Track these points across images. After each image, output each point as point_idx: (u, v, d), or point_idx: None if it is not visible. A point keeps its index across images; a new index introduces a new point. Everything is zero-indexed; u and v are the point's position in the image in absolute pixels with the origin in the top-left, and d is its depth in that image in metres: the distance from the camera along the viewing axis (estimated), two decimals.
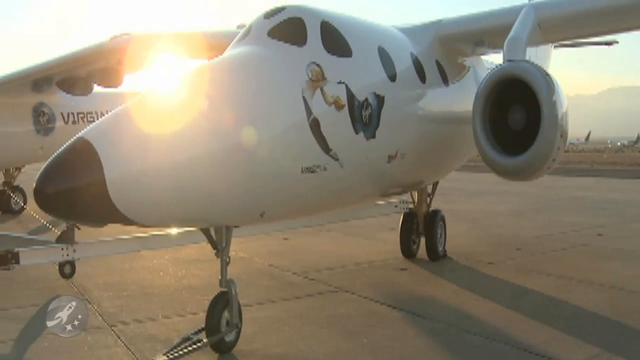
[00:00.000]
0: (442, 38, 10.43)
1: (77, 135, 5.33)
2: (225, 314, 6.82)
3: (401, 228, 12.23)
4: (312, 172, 6.69)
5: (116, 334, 7.67)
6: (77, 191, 5.01)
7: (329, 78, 6.96)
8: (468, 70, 11.66)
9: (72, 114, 21.41)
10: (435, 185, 12.11)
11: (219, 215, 6.18)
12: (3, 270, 9.33)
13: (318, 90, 6.78)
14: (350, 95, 7.20)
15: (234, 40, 7.54)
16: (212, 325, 6.68)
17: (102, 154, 5.07)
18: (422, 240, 12.21)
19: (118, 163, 5.12)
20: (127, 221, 5.37)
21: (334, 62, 7.19)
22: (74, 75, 18.12)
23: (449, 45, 10.68)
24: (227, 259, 6.83)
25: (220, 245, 6.76)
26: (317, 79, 6.82)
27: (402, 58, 8.85)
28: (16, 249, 9.46)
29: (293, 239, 14.12)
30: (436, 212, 12.10)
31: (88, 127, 5.49)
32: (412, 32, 10.10)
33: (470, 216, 18.46)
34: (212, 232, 6.75)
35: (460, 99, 10.67)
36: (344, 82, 7.15)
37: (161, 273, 11.10)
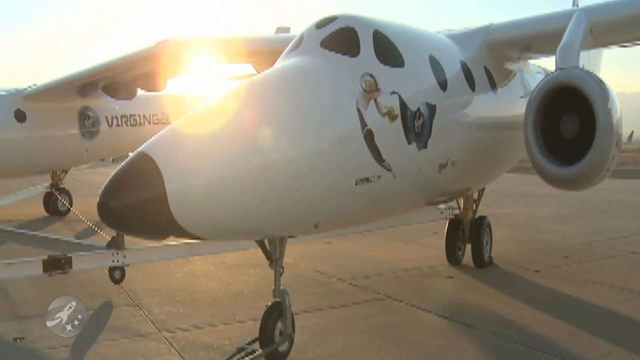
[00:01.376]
0: (489, 44, 10.32)
1: (138, 150, 5.40)
2: (279, 324, 6.84)
3: (447, 234, 12.15)
4: (366, 183, 6.68)
5: (169, 341, 7.76)
6: (139, 206, 5.08)
7: (383, 89, 6.94)
8: (515, 75, 11.52)
9: (116, 117, 21.79)
10: (481, 191, 12.01)
11: (275, 227, 6.21)
12: (56, 274, 9.55)
13: (372, 102, 6.76)
14: (403, 106, 7.17)
15: (286, 50, 7.57)
16: (266, 336, 6.73)
17: (163, 168, 5.13)
18: (468, 246, 12.13)
19: (179, 177, 5.17)
20: (186, 235, 5.43)
21: (387, 73, 7.16)
22: (119, 79, 18.46)
23: (497, 51, 10.56)
24: (281, 270, 6.86)
25: (274, 256, 6.80)
26: (371, 90, 6.80)
27: (452, 66, 8.78)
28: (69, 254, 9.70)
29: (336, 244, 14.12)
30: (482, 219, 11.99)
31: (149, 141, 5.55)
32: (459, 38, 10.02)
33: (512, 220, 18.22)
34: (266, 243, 6.78)
35: (508, 104, 10.57)
36: (397, 93, 7.12)
37: (208, 279, 11.20)
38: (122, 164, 5.36)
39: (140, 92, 19.87)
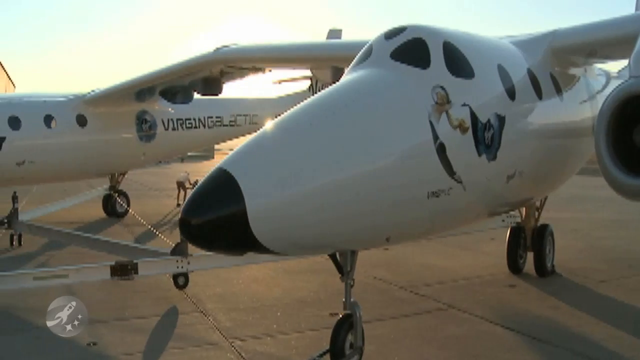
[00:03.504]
0: (555, 50, 10.11)
1: (217, 166, 5.47)
2: (349, 337, 6.84)
3: (508, 242, 11.99)
4: (437, 196, 6.63)
5: (237, 350, 7.85)
6: (219, 223, 5.15)
7: (454, 101, 6.88)
8: (578, 80, 11.27)
9: (172, 120, 22.14)
10: (544, 199, 11.80)
11: (349, 241, 6.23)
12: (123, 280, 9.78)
13: (444, 114, 6.71)
14: (474, 118, 7.10)
15: (355, 61, 7.55)
16: (337, 349, 6.72)
17: (243, 185, 5.18)
18: (529, 254, 11.94)
19: (258, 193, 5.22)
20: (264, 250, 5.48)
21: (458, 85, 7.09)
22: (177, 84, 18.78)
23: (562, 57, 10.34)
24: (351, 282, 6.86)
25: (345, 269, 6.81)
26: (443, 103, 6.75)
27: (520, 75, 8.65)
28: (135, 260, 9.91)
29: (394, 249, 13.98)
30: (545, 227, 11.79)
31: (227, 156, 5.63)
32: (525, 44, 9.85)
33: (571, 226, 17.85)
34: (338, 256, 6.80)
35: (574, 110, 10.36)
36: (467, 105, 7.05)
37: (269, 285, 11.29)
38: (203, 179, 5.44)
39: (195, 95, 20.23)
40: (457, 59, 7.35)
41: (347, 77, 7.15)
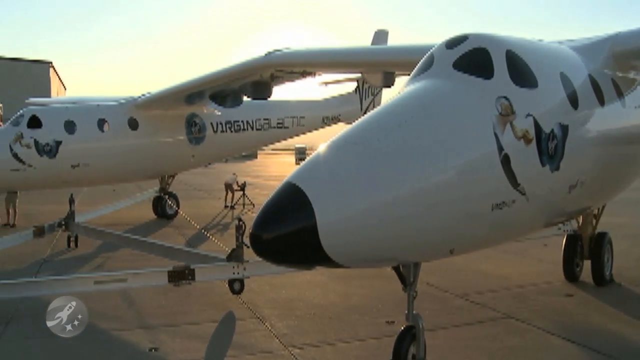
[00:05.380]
0: (617, 54, 9.90)
1: (286, 180, 5.50)
2: (412, 349, 6.82)
3: (564, 250, 11.80)
4: (501, 208, 6.56)
5: (296, 358, 7.89)
6: (290, 238, 5.18)
7: (518, 112, 6.79)
8: (638, 83, 11.03)
9: (221, 123, 22.40)
10: (602, 207, 11.56)
11: (414, 253, 6.20)
12: (182, 285, 9.92)
13: (508, 125, 6.63)
14: (538, 128, 6.99)
15: (416, 71, 7.50)
16: None
17: (313, 199, 5.20)
18: (586, 262, 11.72)
19: (328, 208, 5.23)
20: (332, 264, 5.49)
21: (522, 95, 7.00)
22: (227, 88, 18.97)
23: (624, 61, 10.12)
24: (414, 293, 6.83)
25: (408, 280, 6.79)
26: (507, 114, 6.67)
27: (581, 82, 8.49)
28: (192, 266, 10.04)
29: None
30: (603, 235, 11.56)
31: (297, 169, 5.65)
32: (585, 50, 9.67)
33: (628, 231, 17.43)
34: (401, 267, 6.78)
35: (635, 115, 10.13)
36: (531, 115, 6.95)
37: (324, 290, 11.31)
38: (273, 194, 5.48)
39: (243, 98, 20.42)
40: (520, 69, 7.26)
41: (410, 87, 7.10)
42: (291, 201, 5.30)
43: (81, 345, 8.46)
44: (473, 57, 7.09)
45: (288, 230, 5.20)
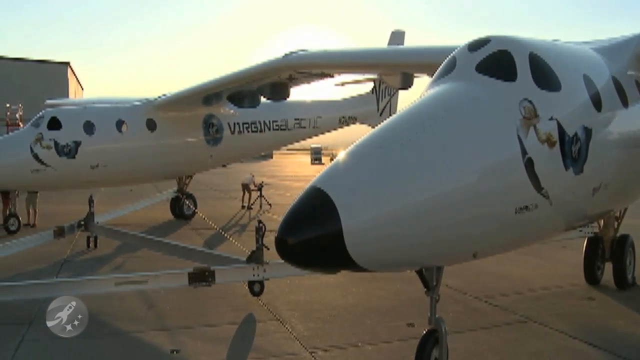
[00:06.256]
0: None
1: (311, 184, 5.50)
2: (434, 352, 6.79)
3: (585, 253, 11.71)
4: (524, 212, 6.52)
5: None
6: (315, 242, 5.19)
7: (541, 115, 6.75)
8: None
9: (238, 124, 22.46)
10: (624, 208, 11.46)
11: (437, 257, 6.19)
12: (201, 287, 9.96)
13: (532, 129, 6.59)
14: (561, 131, 6.95)
15: (438, 73, 7.47)
16: None
17: (338, 203, 5.21)
18: (607, 265, 11.62)
19: (353, 212, 5.23)
20: (357, 268, 5.49)
21: (545, 98, 6.95)
22: (245, 89, 19.02)
23: None
24: (437, 297, 6.81)
25: (430, 284, 6.77)
26: (530, 117, 6.63)
27: (605, 84, 8.43)
28: (212, 268, 10.07)
29: None
30: (625, 237, 11.47)
31: (321, 174, 5.65)
32: (607, 51, 9.60)
33: None
34: (423, 271, 6.76)
35: None
36: (555, 119, 6.91)
37: (343, 292, 11.28)
38: (297, 198, 5.48)
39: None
40: (543, 71, 7.21)
41: (432, 90, 7.07)
42: (316, 206, 5.30)
43: (103, 346, 8.54)
44: (496, 60, 7.05)
45: (313, 235, 5.21)
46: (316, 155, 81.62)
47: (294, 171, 59.59)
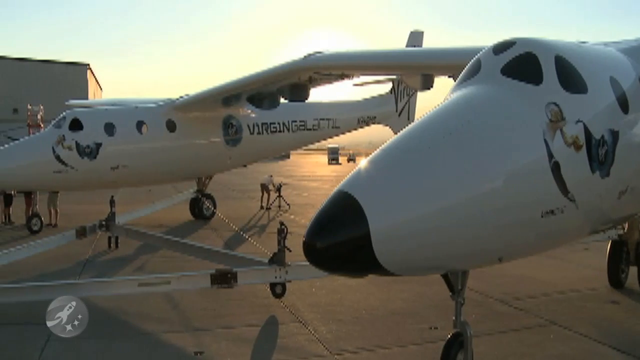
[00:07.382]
0: None
1: (339, 188, 5.50)
2: (459, 356, 6.78)
3: (609, 256, 11.60)
4: (550, 215, 6.48)
5: None
6: (344, 246, 5.20)
7: (568, 118, 6.69)
8: None
9: (257, 124, 22.55)
10: None
11: (463, 261, 6.19)
12: (224, 288, 9.99)
13: (558, 132, 6.54)
14: (588, 134, 6.89)
15: (462, 76, 7.44)
16: None
17: (366, 208, 5.21)
18: (631, 269, 11.52)
19: (381, 216, 5.24)
20: (384, 272, 5.48)
21: (571, 101, 6.90)
22: (264, 90, 19.07)
23: None
24: (462, 301, 6.80)
25: (456, 287, 6.76)
26: (557, 120, 6.59)
27: (631, 86, 8.32)
28: (234, 269, 10.11)
29: None
30: None
31: (348, 178, 5.65)
32: (633, 52, 9.47)
33: None
34: (449, 275, 6.75)
35: None
36: (581, 121, 6.85)
37: (364, 294, 11.26)
38: (325, 202, 5.49)
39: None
40: (569, 74, 7.15)
41: (457, 93, 7.05)
42: (344, 210, 5.31)
43: (128, 347, 8.61)
44: (521, 63, 7.00)
45: (341, 239, 5.22)
46: (333, 155, 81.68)
47: (311, 171, 59.72)
